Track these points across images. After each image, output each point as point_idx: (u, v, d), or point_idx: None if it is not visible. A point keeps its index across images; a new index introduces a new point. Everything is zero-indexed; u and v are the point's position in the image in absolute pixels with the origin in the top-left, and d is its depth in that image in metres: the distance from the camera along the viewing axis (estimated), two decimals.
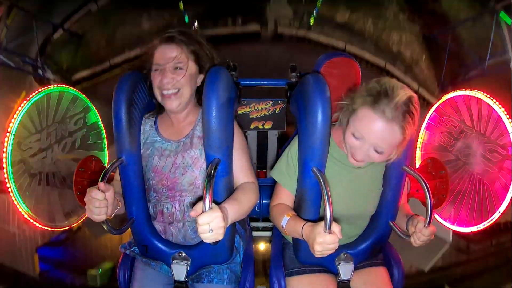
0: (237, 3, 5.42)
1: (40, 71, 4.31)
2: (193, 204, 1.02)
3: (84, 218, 1.53)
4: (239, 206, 0.96)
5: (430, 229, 0.95)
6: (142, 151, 1.11)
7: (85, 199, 0.90)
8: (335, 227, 0.84)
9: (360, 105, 0.93)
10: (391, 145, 0.94)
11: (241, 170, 1.08)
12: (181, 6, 5.37)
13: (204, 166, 1.05)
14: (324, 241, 0.84)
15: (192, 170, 1.07)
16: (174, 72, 1.04)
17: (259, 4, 5.72)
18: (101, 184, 0.90)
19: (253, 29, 5.56)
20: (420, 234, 0.95)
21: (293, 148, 1.09)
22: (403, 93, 0.90)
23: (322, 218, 0.86)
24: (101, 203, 0.89)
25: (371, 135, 0.93)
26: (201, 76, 1.10)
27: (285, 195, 1.11)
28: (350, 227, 1.13)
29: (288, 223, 1.00)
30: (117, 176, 1.15)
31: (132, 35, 5.37)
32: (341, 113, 1.02)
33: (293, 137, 1.12)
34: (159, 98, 1.06)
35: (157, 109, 1.17)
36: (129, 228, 1.09)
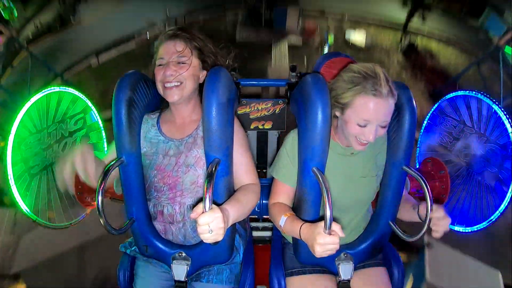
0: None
1: None
2: (194, 206, 1.03)
3: (83, 218, 1.53)
4: (240, 207, 0.96)
5: (442, 211, 0.97)
6: (145, 149, 1.11)
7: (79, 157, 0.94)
8: (335, 226, 0.84)
9: (353, 96, 0.96)
10: (391, 114, 0.98)
11: (244, 170, 1.09)
12: None
13: (206, 165, 1.04)
14: (324, 242, 0.84)
15: (194, 169, 1.07)
16: (177, 66, 1.04)
17: (259, 64, 5.67)
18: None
19: (253, 91, 5.34)
20: (436, 220, 0.96)
21: (287, 142, 1.10)
22: (377, 68, 0.96)
23: (321, 218, 0.86)
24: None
25: (377, 116, 0.96)
26: (204, 73, 1.10)
27: (283, 191, 1.12)
28: (345, 216, 1.13)
29: (286, 223, 1.01)
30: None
31: None
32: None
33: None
34: (161, 91, 1.07)
35: (160, 107, 1.17)
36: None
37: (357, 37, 6.73)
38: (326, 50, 6.00)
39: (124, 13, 7.61)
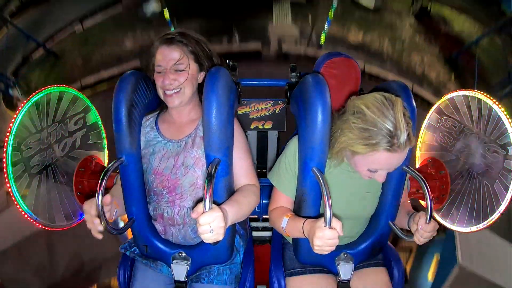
0: (233, 21, 4.94)
1: (10, 91, 4.17)
2: (194, 207, 1.03)
3: (83, 219, 1.53)
4: (239, 208, 0.96)
5: (432, 224, 0.94)
6: (143, 152, 1.11)
7: (86, 218, 0.92)
8: (336, 223, 0.84)
9: (366, 151, 0.88)
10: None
11: (244, 172, 1.08)
12: (166, 15, 4.97)
13: (206, 166, 1.05)
14: (323, 235, 0.83)
15: (193, 170, 1.07)
16: (175, 74, 1.04)
17: (259, 23, 5.39)
18: (106, 198, 0.90)
19: (253, 48, 4.88)
20: (422, 231, 0.95)
21: (289, 151, 1.09)
22: (396, 109, 0.85)
23: (322, 215, 0.86)
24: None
25: (390, 166, 0.93)
26: (202, 74, 1.11)
27: (283, 200, 1.11)
28: (349, 227, 1.12)
29: (288, 224, 1.01)
30: (118, 180, 1.15)
31: (112, 55, 5.02)
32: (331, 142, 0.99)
33: (290, 139, 1.13)
34: (162, 96, 1.08)
35: (159, 107, 1.18)
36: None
37: None
38: (335, 4, 5.39)
39: None
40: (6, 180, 1.20)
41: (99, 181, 0.91)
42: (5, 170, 1.19)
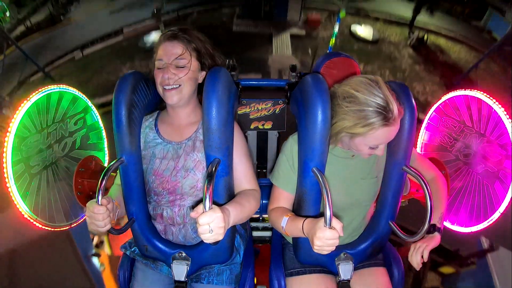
0: (234, 53, 5.05)
1: (4, 111, 4.31)
2: (194, 207, 1.02)
3: (83, 219, 1.53)
4: (241, 210, 0.96)
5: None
6: (143, 153, 1.10)
7: (87, 215, 0.91)
8: (337, 224, 0.84)
9: (366, 130, 0.93)
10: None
11: (243, 176, 1.08)
12: None
13: (206, 169, 1.04)
14: (324, 235, 0.83)
15: (194, 173, 1.07)
16: (176, 69, 1.04)
17: (259, 55, 5.57)
18: (103, 201, 0.90)
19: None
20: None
21: (286, 149, 1.10)
22: (383, 88, 0.91)
23: (322, 214, 0.86)
24: (104, 215, 0.89)
25: (388, 139, 0.97)
26: (203, 73, 1.10)
27: (283, 197, 1.11)
28: (346, 217, 1.13)
29: (288, 223, 1.01)
30: (117, 180, 1.15)
31: (108, 82, 5.14)
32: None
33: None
34: (161, 93, 1.07)
35: (159, 107, 1.17)
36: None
37: (364, 31, 6.65)
38: (336, 29, 5.54)
39: (114, 9, 7.61)
40: (6, 180, 1.20)
41: (99, 181, 0.91)
42: (5, 170, 1.19)
